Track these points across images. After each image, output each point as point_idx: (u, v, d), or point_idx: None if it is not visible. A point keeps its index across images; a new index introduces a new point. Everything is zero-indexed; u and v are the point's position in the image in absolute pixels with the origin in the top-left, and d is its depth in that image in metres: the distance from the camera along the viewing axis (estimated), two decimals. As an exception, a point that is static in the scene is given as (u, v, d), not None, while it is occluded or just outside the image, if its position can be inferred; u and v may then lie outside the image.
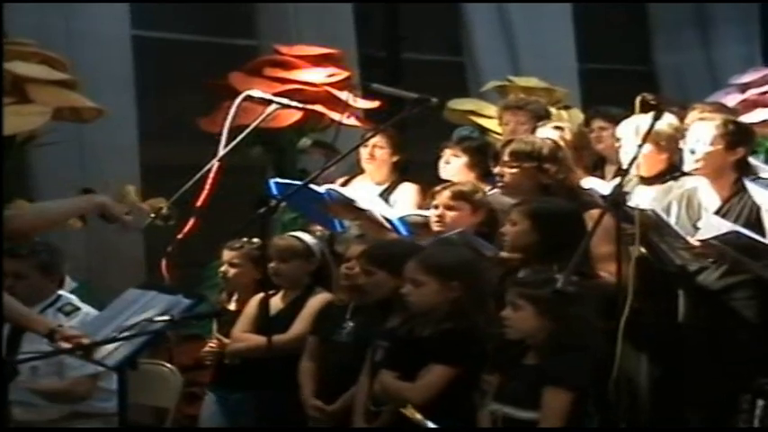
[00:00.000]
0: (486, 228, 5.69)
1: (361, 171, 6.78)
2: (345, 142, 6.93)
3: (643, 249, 5.27)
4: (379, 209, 5.94)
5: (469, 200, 5.75)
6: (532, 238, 5.04)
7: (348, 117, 7.29)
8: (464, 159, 6.36)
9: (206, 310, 5.62)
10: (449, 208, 5.73)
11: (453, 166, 6.39)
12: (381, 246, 5.41)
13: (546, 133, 6.05)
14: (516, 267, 5.18)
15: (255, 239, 5.86)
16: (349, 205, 6.00)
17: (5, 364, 3.96)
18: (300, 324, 5.59)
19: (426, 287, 4.75)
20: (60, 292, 5.74)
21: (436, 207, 5.77)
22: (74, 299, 5.70)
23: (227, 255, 5.99)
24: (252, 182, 8.18)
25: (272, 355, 5.06)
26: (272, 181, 6.22)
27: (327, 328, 5.41)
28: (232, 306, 5.99)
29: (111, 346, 4.41)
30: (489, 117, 8.05)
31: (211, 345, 5.90)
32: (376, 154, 6.65)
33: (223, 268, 5.99)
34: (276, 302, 5.71)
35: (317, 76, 7.69)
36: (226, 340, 5.82)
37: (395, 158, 6.68)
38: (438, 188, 5.87)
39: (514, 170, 5.51)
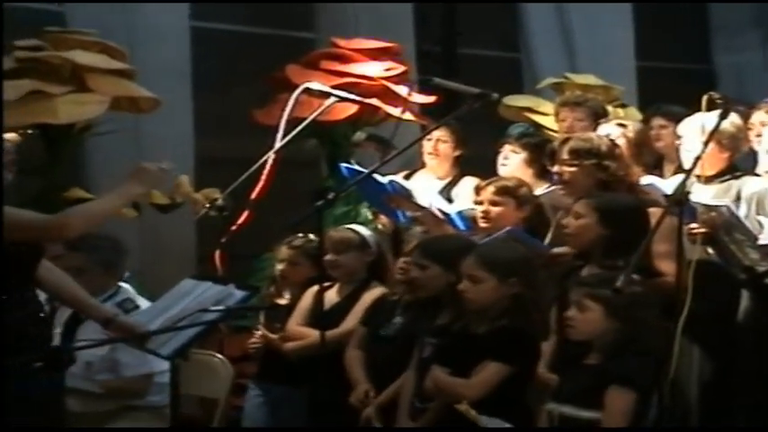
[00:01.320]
0: (532, 224, 5.66)
1: (423, 165, 6.75)
2: (400, 137, 6.89)
3: (709, 250, 5.23)
4: (436, 204, 5.90)
5: (514, 195, 5.70)
6: (598, 232, 5.00)
7: (404, 112, 7.25)
8: (523, 155, 6.30)
9: (259, 303, 5.64)
10: (494, 204, 5.68)
11: (512, 162, 6.33)
12: (436, 240, 5.39)
13: (609, 130, 5.98)
14: (572, 265, 5.15)
15: (311, 235, 5.84)
16: (409, 198, 5.97)
17: (61, 352, 3.96)
18: (353, 319, 5.57)
19: (484, 284, 4.71)
20: (121, 284, 5.75)
21: (481, 203, 5.72)
22: (133, 294, 5.69)
23: (284, 252, 5.95)
24: (303, 175, 8.19)
25: (325, 351, 5.03)
26: (342, 165, 6.18)
27: (377, 322, 5.39)
28: (282, 301, 5.96)
29: (164, 336, 4.40)
30: (545, 114, 7.98)
31: (256, 338, 5.88)
32: (439, 148, 6.63)
33: (280, 266, 5.95)
34: (332, 296, 5.69)
35: (374, 69, 7.65)
36: (271, 335, 5.80)
37: (457, 153, 6.66)
38: (483, 184, 5.84)
39: (573, 168, 5.47)
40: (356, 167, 6.22)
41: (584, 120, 6.74)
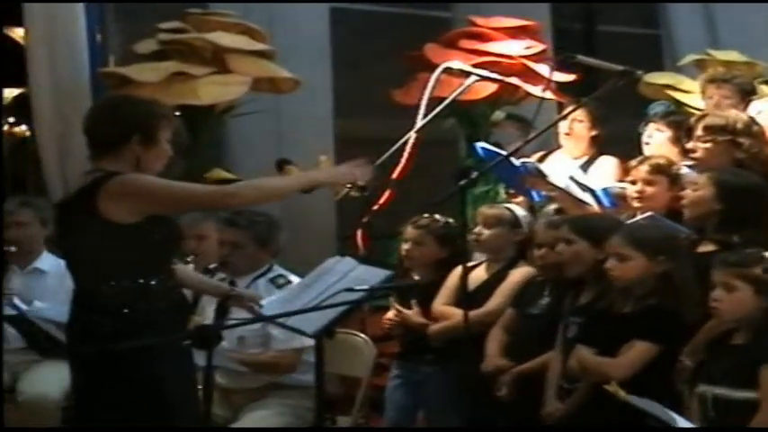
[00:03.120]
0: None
1: (559, 146, 6.68)
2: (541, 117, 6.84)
3: None
4: (580, 179, 5.82)
5: (667, 173, 5.58)
6: (713, 206, 4.90)
7: (545, 90, 7.18)
8: (668, 134, 6.17)
9: (402, 282, 5.64)
10: (647, 183, 5.56)
11: (656, 140, 6.22)
12: (584, 217, 5.34)
13: (761, 107, 5.85)
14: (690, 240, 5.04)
15: (438, 216, 5.81)
16: (544, 178, 5.91)
17: (208, 330, 4.01)
18: (498, 298, 5.53)
19: (632, 262, 4.64)
20: (273, 262, 5.80)
21: (634, 182, 5.63)
22: (285, 271, 5.74)
23: (411, 232, 5.91)
24: (441, 155, 8.16)
25: (469, 332, 5.02)
26: (478, 145, 6.15)
27: (525, 302, 5.36)
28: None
29: (309, 315, 4.42)
30: (686, 91, 7.84)
31: (390, 317, 5.88)
32: (574, 128, 6.53)
33: (407, 246, 5.92)
34: (480, 274, 5.66)
35: (513, 48, 7.60)
36: (406, 312, 5.79)
37: (593, 132, 6.55)
38: (634, 162, 5.73)
39: (708, 144, 5.38)
40: (491, 148, 6.17)
41: (731, 97, 6.58)
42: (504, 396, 5.17)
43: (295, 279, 5.64)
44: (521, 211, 5.80)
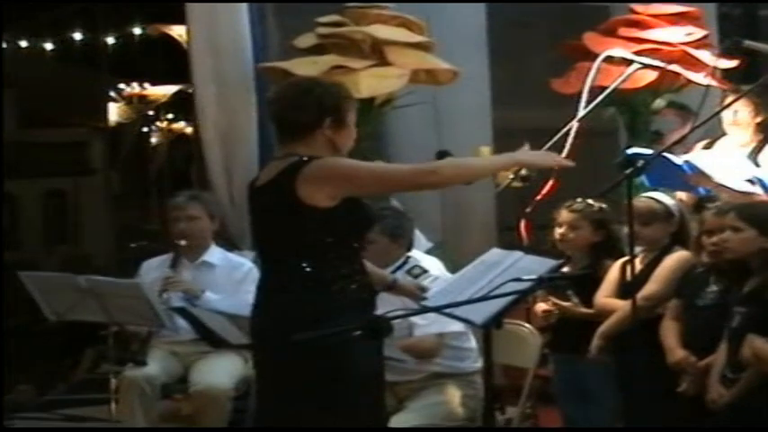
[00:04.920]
0: None
1: (724, 133, 6.58)
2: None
3: None
4: (744, 169, 5.72)
5: None
6: None
7: (707, 77, 7.07)
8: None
9: (571, 273, 5.62)
10: None
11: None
12: (753, 205, 5.26)
13: None
14: None
15: (591, 201, 5.78)
16: (708, 178, 5.82)
17: (380, 321, 4.04)
18: (653, 284, 5.46)
19: None
20: (410, 254, 5.81)
21: None
22: (421, 261, 5.75)
23: (565, 216, 5.88)
24: (601, 144, 8.10)
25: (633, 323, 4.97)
26: (629, 150, 6.09)
27: (691, 292, 5.29)
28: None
29: (477, 305, 4.43)
30: None
31: (547, 308, 5.86)
32: (738, 116, 6.43)
33: (562, 230, 5.88)
34: (635, 265, 5.61)
35: (674, 35, 7.49)
36: (564, 303, 5.76)
37: (758, 119, 6.43)
38: None
39: None
40: (643, 151, 6.10)
41: None
42: (687, 391, 5.10)
43: (435, 270, 5.65)
44: (669, 200, 5.72)
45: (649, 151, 5.82)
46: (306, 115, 4.37)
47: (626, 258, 5.52)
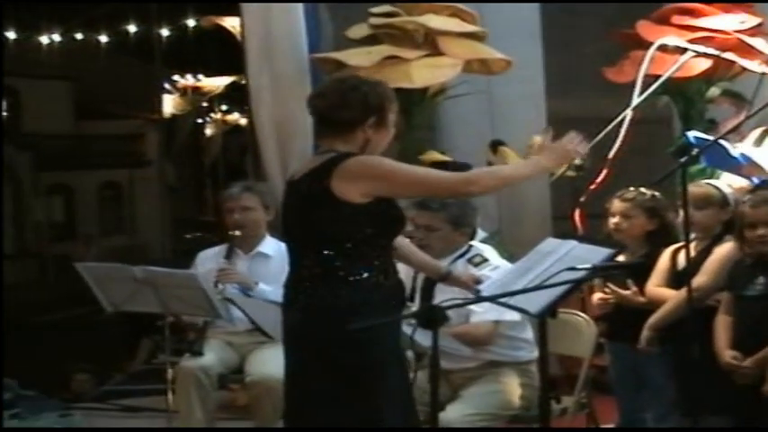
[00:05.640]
0: None
1: (780, 121, 6.54)
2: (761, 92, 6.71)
3: None
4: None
5: None
6: None
7: (761, 65, 7.02)
8: None
9: (626, 261, 5.60)
10: None
11: None
12: None
13: None
14: None
15: (644, 189, 5.76)
16: (762, 169, 5.79)
17: (435, 311, 4.07)
18: (704, 274, 5.42)
19: None
20: (472, 243, 5.81)
21: None
22: (483, 250, 5.76)
23: (618, 206, 5.83)
24: (655, 133, 8.06)
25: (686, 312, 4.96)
26: (690, 134, 6.07)
27: (740, 284, 5.25)
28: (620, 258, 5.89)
29: (532, 294, 4.43)
30: None
31: (603, 297, 5.84)
32: (794, 105, 6.38)
33: (616, 219, 5.85)
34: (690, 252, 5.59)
35: (728, 22, 7.42)
36: (622, 291, 5.75)
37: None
38: None
39: None
40: (704, 136, 6.07)
41: None
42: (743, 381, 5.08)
43: (493, 257, 5.66)
44: (727, 189, 5.69)
45: (709, 137, 5.80)
46: (351, 113, 4.39)
47: (676, 246, 5.51)
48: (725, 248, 5.45)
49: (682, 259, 5.44)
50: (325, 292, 4.33)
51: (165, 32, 14.46)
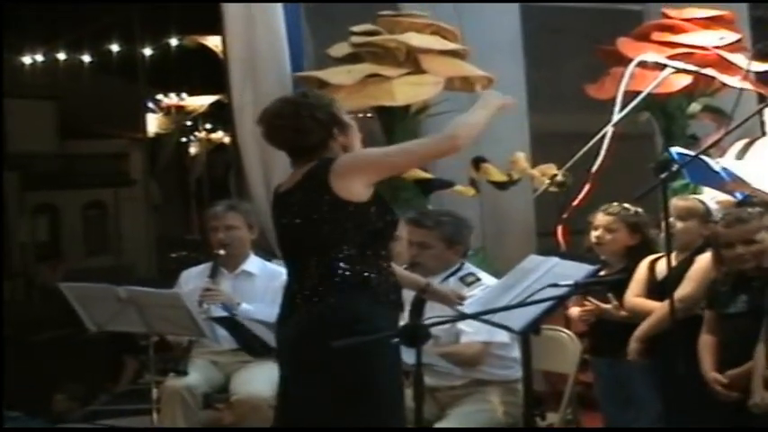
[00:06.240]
0: None
1: (763, 133, 6.57)
2: (740, 107, 6.74)
3: None
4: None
5: None
6: None
7: (741, 81, 7.06)
8: None
9: (607, 277, 5.62)
10: None
11: None
12: None
13: None
14: None
15: (627, 205, 5.79)
16: (746, 185, 5.81)
17: (417, 329, 4.08)
18: (687, 286, 5.45)
19: None
20: (464, 261, 5.82)
21: None
22: (475, 269, 5.77)
23: (602, 219, 5.89)
24: (637, 149, 8.09)
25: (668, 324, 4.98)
26: (673, 150, 6.10)
27: (722, 303, 5.26)
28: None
29: (515, 311, 4.45)
30: None
31: (587, 308, 5.86)
32: (776, 118, 6.44)
33: (598, 232, 5.89)
34: (664, 266, 5.61)
35: (708, 39, 7.48)
36: (603, 305, 5.76)
37: (795, 121, 6.44)
38: None
39: None
40: (687, 152, 6.10)
41: None
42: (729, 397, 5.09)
43: (485, 276, 5.67)
44: (713, 204, 5.72)
45: (691, 152, 5.84)
46: (315, 136, 4.44)
47: (654, 257, 5.55)
48: (707, 257, 5.48)
49: (660, 269, 5.49)
50: (333, 302, 4.35)
51: (148, 52, 14.44)
